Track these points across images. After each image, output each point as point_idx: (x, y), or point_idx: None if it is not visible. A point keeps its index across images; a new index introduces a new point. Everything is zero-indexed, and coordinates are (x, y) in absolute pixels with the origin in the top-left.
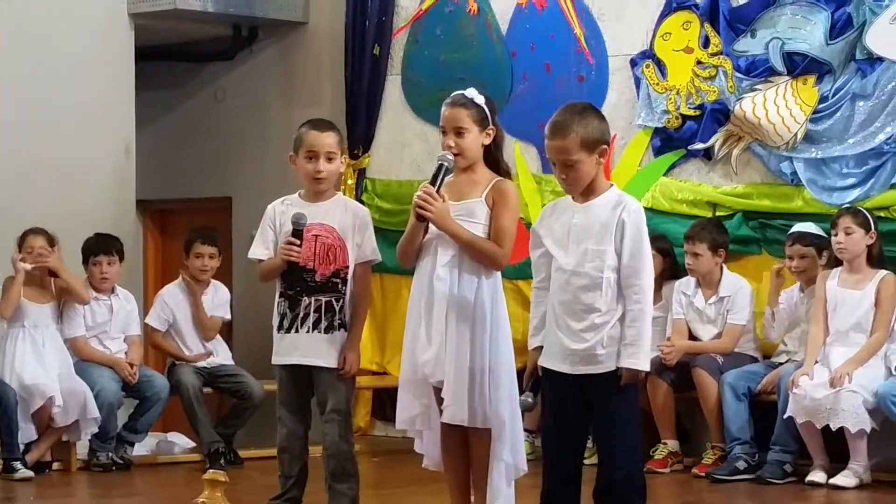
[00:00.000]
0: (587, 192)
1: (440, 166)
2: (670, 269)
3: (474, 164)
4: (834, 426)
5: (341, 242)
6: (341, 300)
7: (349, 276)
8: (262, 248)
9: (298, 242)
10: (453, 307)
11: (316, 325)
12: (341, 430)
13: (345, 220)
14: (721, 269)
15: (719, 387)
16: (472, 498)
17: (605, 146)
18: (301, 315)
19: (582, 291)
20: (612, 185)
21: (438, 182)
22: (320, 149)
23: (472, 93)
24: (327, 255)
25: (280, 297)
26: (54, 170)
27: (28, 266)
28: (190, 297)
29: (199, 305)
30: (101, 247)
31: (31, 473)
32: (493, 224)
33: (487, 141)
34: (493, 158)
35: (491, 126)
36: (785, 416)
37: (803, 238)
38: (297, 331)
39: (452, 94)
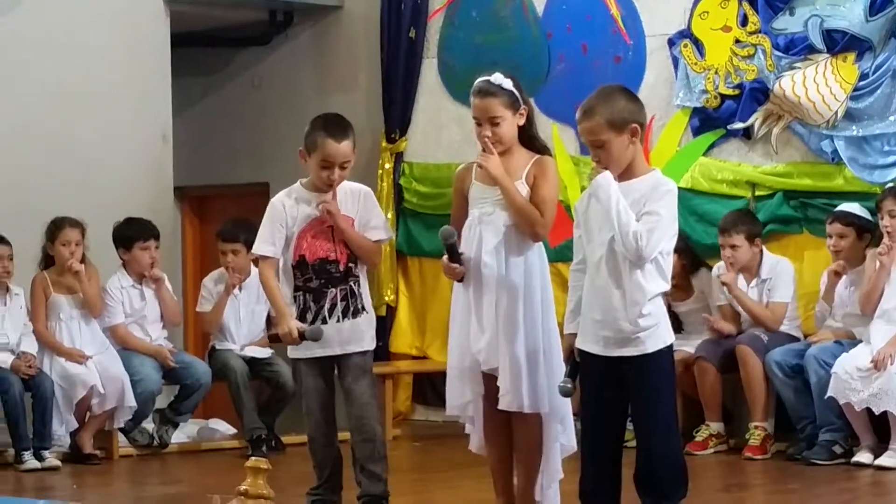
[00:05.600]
0: (626, 173)
1: (449, 244)
2: (690, 263)
3: (511, 147)
4: (877, 410)
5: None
6: (358, 282)
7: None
8: (268, 245)
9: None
10: (503, 293)
11: (345, 314)
12: (372, 413)
13: (348, 202)
14: (761, 253)
15: (765, 367)
16: (515, 480)
17: (636, 125)
18: (328, 306)
19: (615, 272)
20: (654, 169)
21: (456, 256)
22: (335, 159)
23: (498, 78)
24: (343, 242)
25: (297, 290)
26: (91, 158)
27: (80, 267)
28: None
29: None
30: (149, 231)
31: (58, 463)
32: (533, 196)
33: (522, 121)
34: (528, 135)
35: (523, 106)
36: (826, 397)
37: (843, 217)
38: (324, 322)
39: (478, 83)
